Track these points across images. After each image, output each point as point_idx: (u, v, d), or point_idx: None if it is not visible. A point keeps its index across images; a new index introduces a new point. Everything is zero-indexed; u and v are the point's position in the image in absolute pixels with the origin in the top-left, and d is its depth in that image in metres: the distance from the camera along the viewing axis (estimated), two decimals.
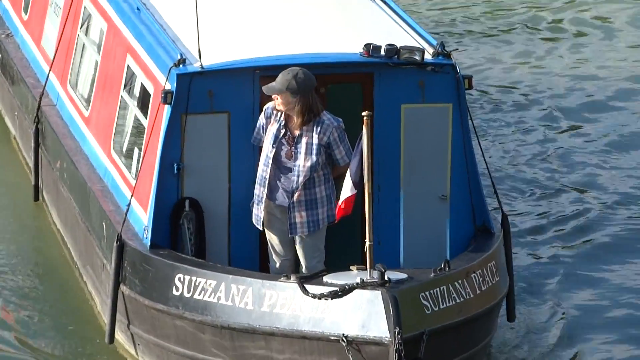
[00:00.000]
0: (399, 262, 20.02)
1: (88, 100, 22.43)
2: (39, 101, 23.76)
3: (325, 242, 19.97)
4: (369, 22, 21.57)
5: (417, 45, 20.03)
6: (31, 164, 24.40)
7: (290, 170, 19.14)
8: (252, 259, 20.06)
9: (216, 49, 19.76)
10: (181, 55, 19.53)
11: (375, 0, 22.34)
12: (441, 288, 18.21)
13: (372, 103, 19.60)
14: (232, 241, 19.93)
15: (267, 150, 19.11)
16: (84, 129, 22.42)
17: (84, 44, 23.10)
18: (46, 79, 23.83)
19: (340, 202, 18.59)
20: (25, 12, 25.60)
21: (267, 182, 19.22)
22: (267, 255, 20.02)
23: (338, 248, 20.05)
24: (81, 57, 23.16)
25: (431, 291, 18.07)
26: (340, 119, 19.23)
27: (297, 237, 19.58)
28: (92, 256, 21.46)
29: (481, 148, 20.73)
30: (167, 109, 19.22)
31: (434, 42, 20.23)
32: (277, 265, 19.72)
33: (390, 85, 19.79)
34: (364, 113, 17.94)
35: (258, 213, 19.54)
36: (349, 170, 18.39)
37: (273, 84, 18.99)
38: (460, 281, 18.53)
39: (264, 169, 19.17)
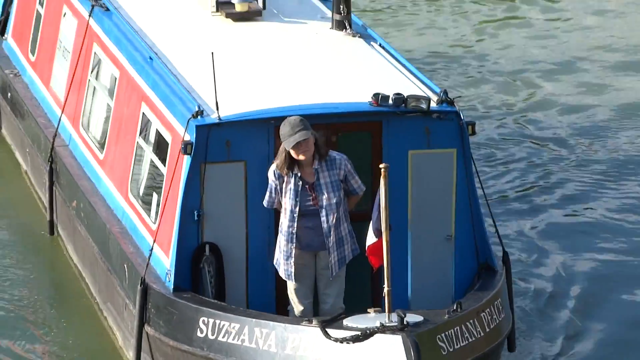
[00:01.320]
0: (407, 300, 20.33)
1: (102, 144, 22.71)
2: (52, 142, 23.97)
3: None
4: (374, 70, 21.76)
5: (422, 93, 20.28)
6: (45, 201, 24.65)
7: (317, 214, 19.39)
8: (269, 301, 20.28)
9: (231, 100, 20.03)
10: (199, 107, 19.78)
11: (376, 48, 22.48)
12: (455, 329, 18.59)
13: (380, 150, 20.01)
14: (250, 284, 20.15)
15: (291, 206, 19.34)
16: (99, 171, 22.69)
17: (95, 88, 23.30)
18: (59, 120, 24.00)
19: (367, 250, 18.78)
20: (33, 54, 25.70)
21: (294, 237, 19.42)
22: (282, 297, 20.20)
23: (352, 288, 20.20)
24: (92, 100, 23.40)
25: (446, 332, 18.44)
26: (344, 155, 19.56)
27: (335, 268, 19.60)
28: (113, 294, 21.69)
29: (483, 190, 21.00)
30: (187, 159, 19.58)
31: (438, 90, 20.53)
32: (301, 309, 19.76)
33: (397, 133, 20.03)
34: (381, 165, 18.21)
35: (288, 268, 19.59)
36: (371, 220, 18.64)
37: (296, 136, 19.01)
38: (471, 321, 18.92)
39: (290, 225, 19.39)
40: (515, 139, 28.89)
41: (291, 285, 19.72)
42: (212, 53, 19.86)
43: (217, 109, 19.75)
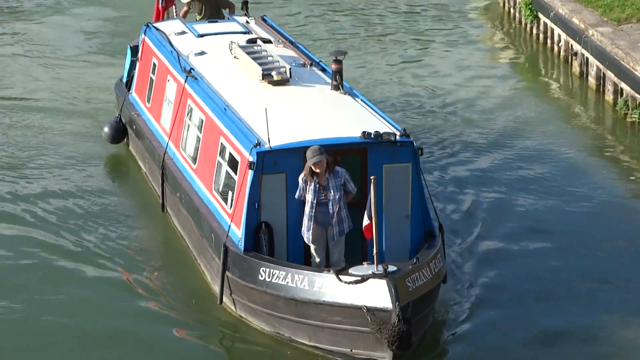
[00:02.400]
0: (383, 255, 20.23)
1: (194, 159, 22.96)
2: (163, 156, 24.08)
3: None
4: (359, 115, 21.78)
5: (390, 130, 20.85)
6: (158, 191, 24.66)
7: (326, 205, 20.03)
8: (300, 257, 20.66)
9: (276, 135, 20.46)
10: (257, 140, 20.46)
11: (358, 101, 22.43)
12: (416, 274, 19.27)
13: (366, 165, 20.59)
14: (289, 246, 20.62)
15: (312, 199, 20.03)
16: (193, 175, 22.91)
17: (189, 125, 23.49)
18: (166, 143, 24.12)
19: (364, 227, 19.26)
20: (148, 102, 25.72)
21: (313, 217, 20.09)
22: (307, 255, 20.59)
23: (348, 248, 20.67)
24: (188, 133, 23.52)
25: (411, 276, 19.13)
26: (343, 169, 20.18)
27: (337, 238, 20.19)
28: (205, 251, 21.99)
29: (427, 187, 21.38)
30: (251, 172, 20.29)
31: (399, 127, 21.10)
32: (318, 260, 20.33)
33: (376, 154, 20.52)
34: (372, 177, 19.07)
35: (309, 236, 20.18)
36: (366, 210, 19.22)
37: (315, 158, 19.68)
38: (424, 269, 19.57)
39: (310, 210, 20.08)
40: (447, 154, 27.89)
41: (312, 247, 20.44)
42: (266, 109, 20.62)
43: (269, 141, 20.41)
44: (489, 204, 25.68)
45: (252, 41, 25.07)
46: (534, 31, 35.10)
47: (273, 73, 23.14)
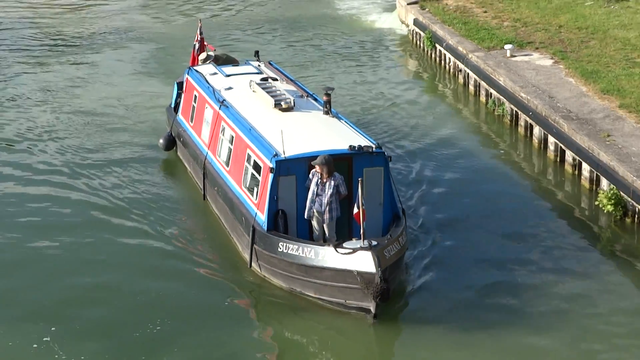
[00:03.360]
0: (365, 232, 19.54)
1: (227, 163, 22.39)
2: (204, 161, 23.51)
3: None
4: (344, 132, 21.25)
5: (368, 143, 20.44)
6: (200, 185, 23.93)
7: (321, 196, 19.62)
8: (305, 233, 20.11)
9: (288, 148, 20.07)
10: (275, 152, 20.02)
11: (343, 122, 21.83)
12: (391, 246, 18.95)
13: (352, 168, 20.13)
14: (298, 226, 20.15)
15: (313, 190, 19.65)
16: (227, 175, 22.34)
17: (222, 140, 22.94)
18: (206, 153, 23.54)
19: (354, 214, 18.80)
20: (191, 122, 25.04)
21: (313, 203, 19.67)
22: (312, 231, 20.06)
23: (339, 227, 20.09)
24: (221, 145, 22.93)
25: (387, 248, 18.80)
26: (341, 175, 19.74)
27: (327, 222, 19.72)
28: (237, 229, 21.48)
29: (394, 183, 20.85)
30: (271, 175, 19.90)
31: (374, 141, 20.68)
32: (317, 233, 19.91)
33: (359, 161, 20.15)
34: (360, 179, 18.72)
35: (310, 214, 19.75)
36: (355, 202, 18.75)
37: (317, 161, 19.45)
38: (396, 242, 19.24)
39: (312, 198, 19.69)
40: (408, 158, 26.46)
41: (313, 223, 20.00)
42: (282, 131, 20.19)
43: (284, 152, 20.01)
44: (442, 190, 24.84)
45: (265, 79, 24.60)
46: (433, 56, 35.29)
47: (282, 103, 22.66)
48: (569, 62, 30.01)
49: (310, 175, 19.88)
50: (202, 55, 27.23)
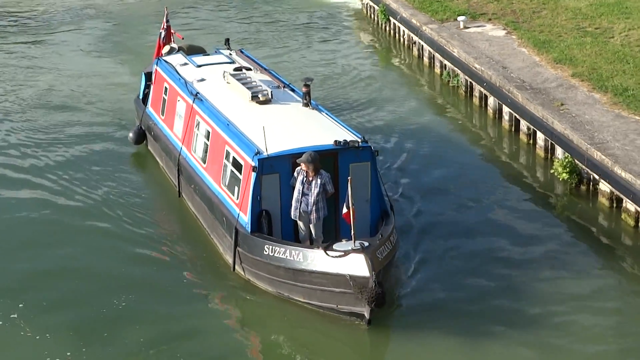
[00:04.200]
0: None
1: (204, 159, 21.25)
2: (178, 156, 22.37)
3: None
4: (326, 125, 20.24)
5: (354, 137, 19.44)
6: (175, 181, 22.80)
7: (307, 195, 18.63)
8: (290, 234, 19.14)
9: (270, 144, 19.02)
10: (258, 149, 18.99)
11: (324, 114, 20.79)
12: (383, 246, 17.99)
13: (337, 164, 19.15)
14: (283, 226, 19.15)
15: (299, 189, 18.66)
16: (203, 172, 21.24)
17: (197, 134, 21.81)
18: (180, 148, 22.41)
19: (343, 214, 17.77)
20: (162, 114, 23.86)
21: (299, 203, 18.67)
22: (296, 231, 19.11)
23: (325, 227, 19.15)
24: (197, 140, 21.82)
25: (379, 249, 17.80)
26: (328, 173, 18.77)
27: (314, 222, 18.79)
28: (217, 229, 20.42)
29: (381, 178, 19.89)
30: (253, 174, 18.86)
31: (359, 135, 19.66)
32: (303, 233, 18.95)
33: (345, 156, 19.15)
34: (349, 177, 17.76)
35: (296, 214, 18.73)
36: (345, 202, 17.79)
37: (303, 158, 18.41)
38: (388, 242, 18.30)
39: (297, 198, 18.71)
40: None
41: (299, 223, 19.00)
42: (264, 127, 19.09)
43: (267, 150, 18.94)
44: (426, 185, 23.74)
45: (238, 69, 23.39)
46: (387, 29, 35.47)
47: (259, 95, 21.51)
48: (521, 33, 30.14)
49: (295, 174, 18.83)
50: (166, 48, 25.99)
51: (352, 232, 17.64)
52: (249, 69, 23.47)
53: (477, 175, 24.06)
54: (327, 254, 17.70)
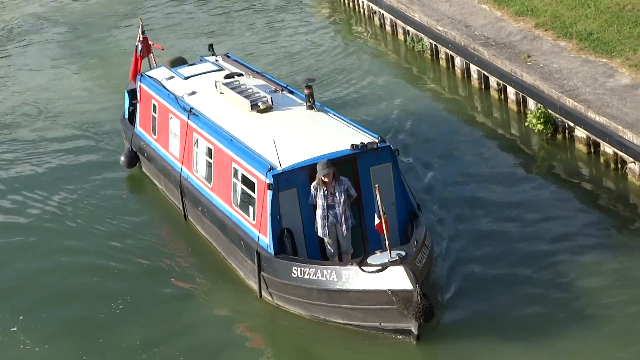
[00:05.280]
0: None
1: (209, 179, 19.61)
2: (179, 176, 20.69)
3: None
4: (337, 128, 18.73)
5: (371, 138, 17.97)
6: (178, 204, 21.16)
7: (334, 207, 17.12)
8: (316, 251, 17.67)
9: (283, 158, 17.49)
10: (270, 165, 17.46)
11: (330, 115, 19.33)
12: (420, 253, 16.53)
13: (357, 170, 17.67)
14: (307, 244, 17.62)
15: (322, 203, 17.15)
16: (210, 193, 19.56)
17: (197, 152, 20.15)
18: (180, 168, 20.73)
19: (375, 225, 16.37)
20: (154, 133, 22.18)
21: (326, 217, 17.14)
22: (322, 248, 17.60)
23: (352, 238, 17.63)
24: (197, 158, 20.16)
25: (418, 257, 16.32)
26: (346, 177, 17.27)
27: (345, 234, 17.28)
28: (234, 253, 18.84)
29: (404, 178, 18.33)
30: (270, 192, 17.30)
31: (376, 135, 18.17)
32: (332, 250, 17.40)
33: (364, 160, 17.70)
34: (376, 184, 16.36)
35: (325, 231, 17.26)
36: (376, 212, 16.38)
37: (324, 171, 16.95)
38: (424, 247, 16.84)
39: (323, 214, 17.18)
40: (334, 104, 23.98)
41: (326, 240, 17.43)
42: (274, 140, 17.50)
43: (280, 164, 17.40)
44: (448, 183, 22.10)
45: (230, 77, 21.62)
46: (346, 1, 34.74)
47: (259, 103, 19.84)
48: None
49: (313, 190, 17.24)
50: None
51: (387, 243, 16.12)
52: (241, 75, 21.73)
53: (451, 135, 23.79)
54: (362, 269, 16.12)
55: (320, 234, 17.37)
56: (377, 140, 17.78)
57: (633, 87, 21.81)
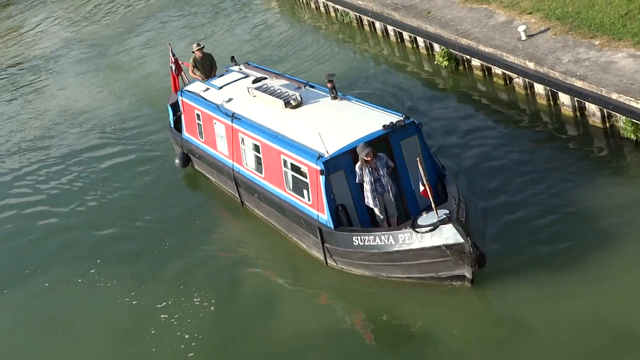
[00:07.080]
0: (415, 197, 19.65)
1: (259, 170, 21.56)
2: (232, 170, 22.72)
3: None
4: (364, 113, 20.57)
5: (396, 117, 19.81)
6: (234, 193, 23.17)
7: (380, 180, 18.97)
8: (366, 220, 19.39)
9: (328, 145, 19.36)
10: (319, 154, 19.29)
11: (353, 102, 21.24)
12: (460, 208, 18.23)
13: (390, 145, 19.51)
14: (359, 215, 19.38)
15: (370, 180, 18.96)
16: (262, 181, 21.56)
17: (244, 150, 22.11)
18: (232, 164, 22.72)
19: (421, 192, 17.91)
20: (202, 137, 24.18)
21: (375, 190, 18.99)
22: (372, 216, 19.38)
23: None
24: (245, 154, 22.15)
25: (459, 211, 18.03)
26: (383, 154, 19.15)
27: (392, 200, 19.08)
28: (295, 230, 20.70)
29: (428, 147, 20.12)
30: (322, 177, 19.17)
31: (399, 114, 20.04)
32: (382, 217, 19.24)
33: (395, 137, 19.49)
34: (418, 159, 18.02)
35: (376, 203, 19.04)
36: (420, 181, 17.90)
37: (365, 151, 18.67)
38: (461, 201, 18.62)
39: (371, 186, 18.98)
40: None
41: (376, 210, 19.31)
42: (320, 133, 19.44)
43: (327, 152, 19.29)
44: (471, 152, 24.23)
45: (257, 81, 23.55)
46: None
47: (291, 101, 21.74)
48: None
49: (358, 170, 19.09)
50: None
51: (433, 205, 17.78)
52: (265, 78, 23.65)
53: (378, 79, 28.96)
54: (416, 231, 17.86)
55: (371, 205, 19.18)
56: (402, 118, 19.67)
57: (508, 23, 26.65)
